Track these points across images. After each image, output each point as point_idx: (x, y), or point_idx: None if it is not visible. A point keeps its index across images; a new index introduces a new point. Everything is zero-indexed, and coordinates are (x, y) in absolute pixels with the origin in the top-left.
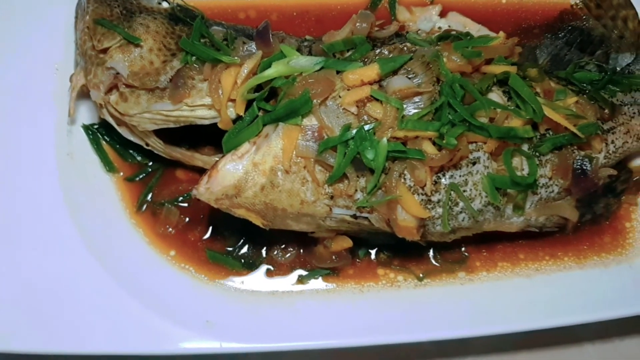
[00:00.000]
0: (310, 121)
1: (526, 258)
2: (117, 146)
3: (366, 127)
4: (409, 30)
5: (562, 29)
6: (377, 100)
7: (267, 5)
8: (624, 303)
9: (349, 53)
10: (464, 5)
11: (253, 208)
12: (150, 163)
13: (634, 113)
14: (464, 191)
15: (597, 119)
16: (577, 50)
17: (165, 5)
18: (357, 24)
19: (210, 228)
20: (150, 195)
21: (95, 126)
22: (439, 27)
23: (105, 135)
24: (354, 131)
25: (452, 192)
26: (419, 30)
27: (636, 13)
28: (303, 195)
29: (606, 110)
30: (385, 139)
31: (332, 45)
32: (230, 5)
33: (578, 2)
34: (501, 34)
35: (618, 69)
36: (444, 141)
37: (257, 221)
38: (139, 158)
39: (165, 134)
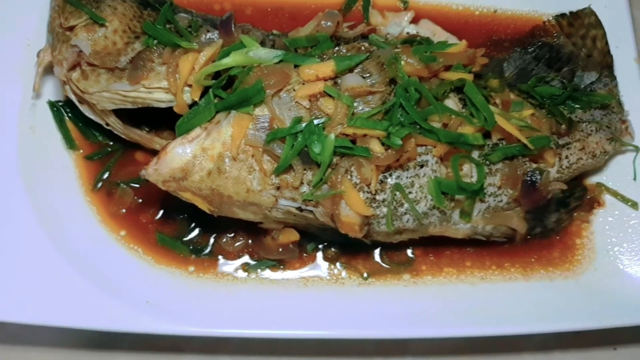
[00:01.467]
0: (262, 111)
1: (473, 266)
2: (80, 124)
3: (316, 122)
4: (378, 33)
5: (532, 44)
6: (330, 96)
7: None
8: (567, 318)
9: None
10: (437, 13)
11: (199, 193)
12: (111, 143)
13: (592, 130)
14: (410, 193)
15: (552, 133)
16: (544, 65)
17: None
18: (323, 22)
19: (162, 211)
20: (107, 175)
21: (60, 103)
22: (407, 33)
23: (69, 112)
24: (304, 124)
25: (397, 193)
26: (388, 34)
27: (604, 33)
28: (249, 184)
29: (563, 126)
30: (333, 135)
31: (294, 41)
32: None
33: (551, 19)
34: (463, 42)
35: (582, 87)
36: (390, 141)
37: (204, 206)
38: (100, 138)
39: (126, 115)
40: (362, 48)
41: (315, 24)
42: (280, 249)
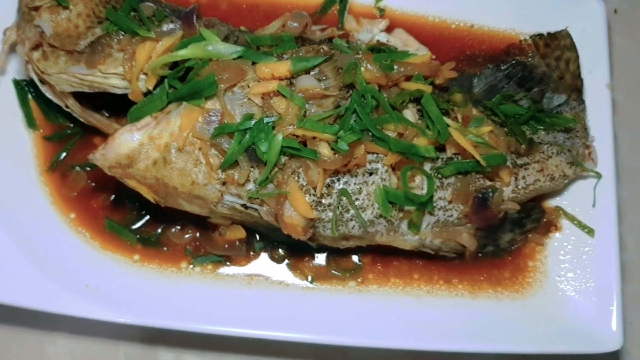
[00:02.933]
0: (214, 105)
1: (420, 279)
2: (43, 105)
3: (266, 120)
4: (350, 39)
5: (505, 62)
6: (283, 95)
7: None
8: (510, 340)
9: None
10: (412, 24)
11: (144, 181)
12: (71, 126)
13: (553, 153)
14: (357, 199)
15: (511, 152)
16: (515, 84)
17: None
18: (289, 22)
19: (114, 197)
20: (64, 157)
21: (25, 82)
22: (377, 40)
23: (33, 92)
24: (254, 122)
25: (343, 198)
26: (358, 40)
27: (577, 56)
28: (194, 177)
29: (523, 145)
30: (281, 135)
31: (257, 38)
32: None
33: (527, 38)
34: (427, 53)
35: (549, 108)
36: (337, 145)
37: (149, 195)
38: (61, 120)
39: (88, 99)
40: (321, 51)
41: (280, 24)
42: (227, 245)
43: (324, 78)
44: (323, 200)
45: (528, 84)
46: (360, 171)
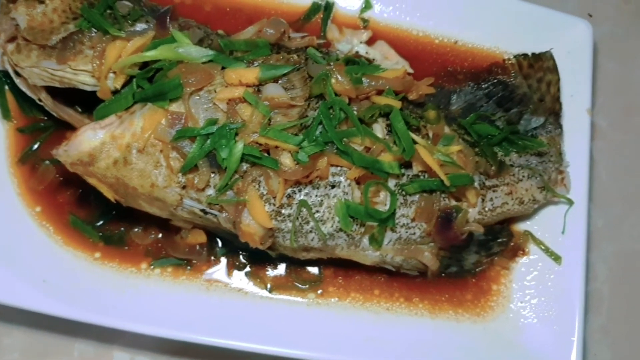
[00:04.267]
0: (178, 108)
1: (380, 295)
2: (19, 97)
3: (230, 127)
4: (330, 49)
5: (487, 80)
6: (249, 103)
7: None
8: None
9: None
10: (395, 37)
11: (105, 180)
12: (46, 119)
13: (523, 176)
14: (317, 212)
15: (480, 173)
16: (494, 103)
17: None
18: (266, 28)
19: (81, 193)
20: (35, 150)
21: (2, 73)
22: (356, 52)
23: (10, 84)
24: (216, 127)
25: (303, 209)
26: (338, 50)
27: (559, 79)
28: (154, 179)
29: (493, 167)
30: (242, 142)
31: (231, 43)
32: None
33: (511, 57)
34: (402, 68)
35: (526, 130)
36: (297, 156)
37: (109, 194)
38: (36, 113)
39: (62, 94)
40: (291, 60)
41: (256, 29)
42: (187, 249)
43: (292, 87)
44: (283, 211)
45: (507, 104)
46: (322, 183)
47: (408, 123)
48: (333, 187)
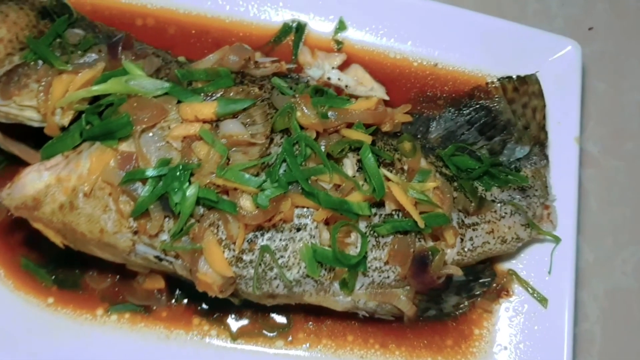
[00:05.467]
0: (129, 147)
1: (354, 341)
2: None
3: (182, 168)
4: (301, 74)
5: (468, 105)
6: (206, 141)
7: (167, 16)
8: None
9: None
10: (371, 60)
11: (51, 225)
12: None
13: (506, 213)
14: (282, 257)
15: (459, 210)
16: (476, 131)
17: None
18: (229, 56)
19: (32, 234)
20: None
21: None
22: (328, 78)
23: None
24: (167, 168)
25: (266, 255)
26: (308, 76)
27: (544, 106)
28: (104, 224)
29: (472, 204)
30: (197, 184)
31: (190, 73)
32: (130, 10)
33: (495, 80)
34: (373, 99)
35: (511, 159)
36: (257, 200)
37: (56, 239)
38: None
39: (13, 126)
40: (252, 93)
41: (218, 57)
42: (145, 294)
43: (252, 123)
44: (244, 257)
45: (490, 132)
46: (287, 226)
47: (380, 157)
48: (299, 230)
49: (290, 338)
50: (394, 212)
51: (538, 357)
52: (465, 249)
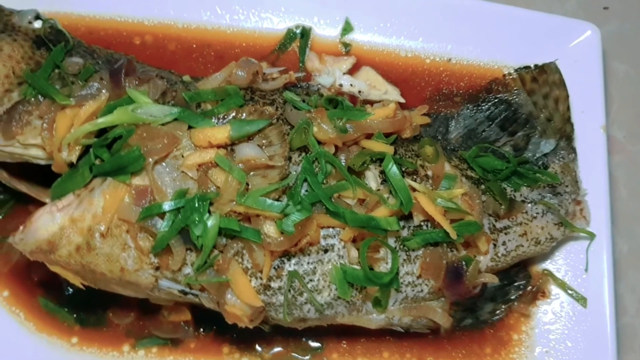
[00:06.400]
0: (142, 180)
1: (390, 358)
2: None
3: (201, 198)
4: (311, 82)
5: (487, 100)
6: (222, 167)
7: (165, 32)
8: None
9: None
10: (381, 61)
11: (69, 267)
12: (2, 191)
13: (537, 213)
14: (311, 280)
15: (489, 214)
16: (497, 127)
17: (37, 25)
18: (236, 71)
19: (50, 272)
20: None
21: None
22: (340, 85)
23: None
24: (185, 200)
25: (294, 280)
26: (319, 84)
27: (567, 96)
28: (124, 263)
29: (503, 206)
30: (218, 214)
31: (197, 95)
32: (126, 29)
33: (512, 72)
34: (391, 105)
35: (537, 155)
36: (282, 226)
37: (76, 281)
38: None
39: (20, 164)
40: (266, 112)
41: (225, 75)
42: (172, 327)
43: (269, 144)
44: (272, 284)
45: (512, 127)
46: (313, 249)
47: (403, 166)
48: (326, 251)
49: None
50: (422, 223)
51: (581, 358)
52: (499, 255)
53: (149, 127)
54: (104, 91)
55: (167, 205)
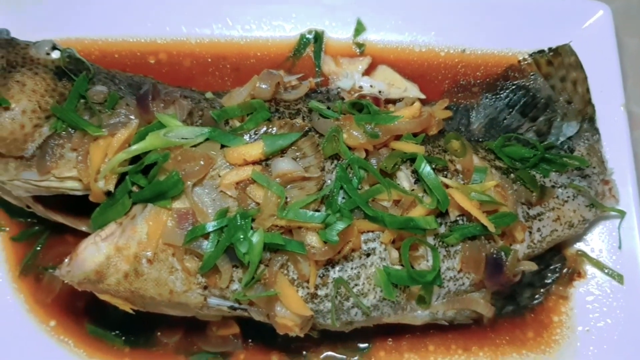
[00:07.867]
0: (183, 203)
1: (436, 350)
2: (4, 202)
3: (242, 215)
4: (329, 86)
5: (505, 87)
6: (260, 184)
7: (179, 49)
8: None
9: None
10: (396, 58)
11: (118, 295)
12: (37, 222)
13: (568, 197)
14: (356, 285)
15: (522, 203)
16: (518, 114)
17: (55, 55)
18: (259, 84)
19: (94, 298)
20: (35, 259)
21: None
22: (360, 87)
23: None
24: (227, 219)
25: (341, 286)
26: (339, 88)
27: (585, 77)
28: (172, 285)
29: (534, 194)
30: (261, 230)
31: (225, 112)
32: (140, 49)
33: (526, 57)
34: (415, 105)
35: (561, 139)
36: (326, 236)
37: (125, 307)
38: (27, 217)
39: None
40: (296, 125)
41: (249, 90)
42: (221, 341)
43: (303, 156)
44: (318, 292)
45: (532, 112)
46: (356, 254)
47: (433, 164)
48: (368, 255)
49: (373, 359)
50: (458, 218)
51: (622, 334)
52: (535, 241)
53: (183, 150)
54: (132, 117)
55: (210, 226)
